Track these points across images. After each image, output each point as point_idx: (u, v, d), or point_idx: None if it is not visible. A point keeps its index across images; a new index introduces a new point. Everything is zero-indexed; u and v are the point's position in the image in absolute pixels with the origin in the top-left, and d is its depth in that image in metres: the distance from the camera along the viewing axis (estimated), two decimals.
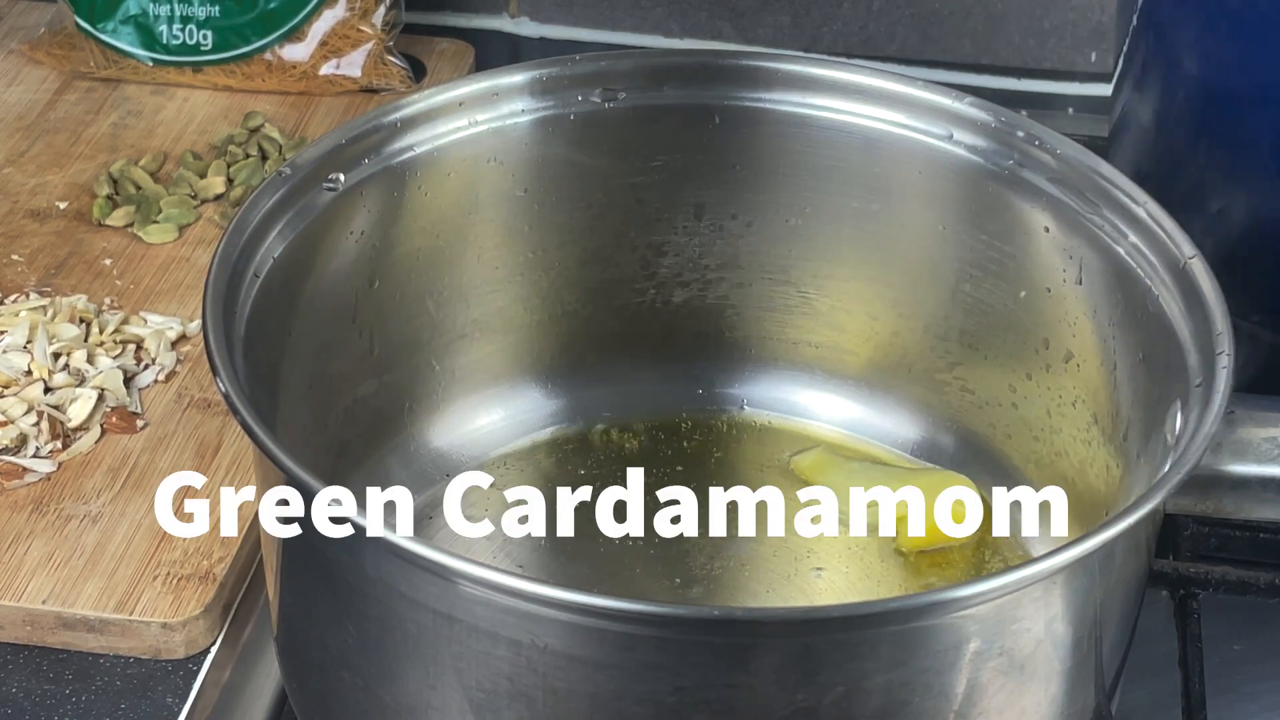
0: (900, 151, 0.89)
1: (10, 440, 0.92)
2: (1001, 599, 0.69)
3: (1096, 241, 0.84)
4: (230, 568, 0.87)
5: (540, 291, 0.93)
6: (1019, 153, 0.86)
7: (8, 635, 0.86)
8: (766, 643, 0.67)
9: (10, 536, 0.88)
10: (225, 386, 0.72)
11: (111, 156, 1.13)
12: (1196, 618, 0.89)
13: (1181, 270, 0.79)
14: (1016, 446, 0.90)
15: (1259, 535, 0.94)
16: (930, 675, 0.69)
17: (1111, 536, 0.69)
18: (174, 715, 0.83)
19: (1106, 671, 0.76)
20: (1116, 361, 0.83)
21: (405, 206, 0.87)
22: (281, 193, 0.82)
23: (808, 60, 0.90)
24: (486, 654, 0.69)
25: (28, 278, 1.03)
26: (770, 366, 0.95)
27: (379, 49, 1.19)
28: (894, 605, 0.70)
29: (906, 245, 0.91)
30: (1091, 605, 0.72)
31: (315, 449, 0.84)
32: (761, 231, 0.93)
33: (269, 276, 0.80)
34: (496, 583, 0.66)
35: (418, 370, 0.91)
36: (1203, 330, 0.77)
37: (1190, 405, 0.75)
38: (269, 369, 0.79)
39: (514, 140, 0.89)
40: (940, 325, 0.91)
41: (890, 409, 0.94)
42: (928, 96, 0.88)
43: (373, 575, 0.70)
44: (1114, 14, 1.11)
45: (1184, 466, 0.71)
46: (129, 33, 1.19)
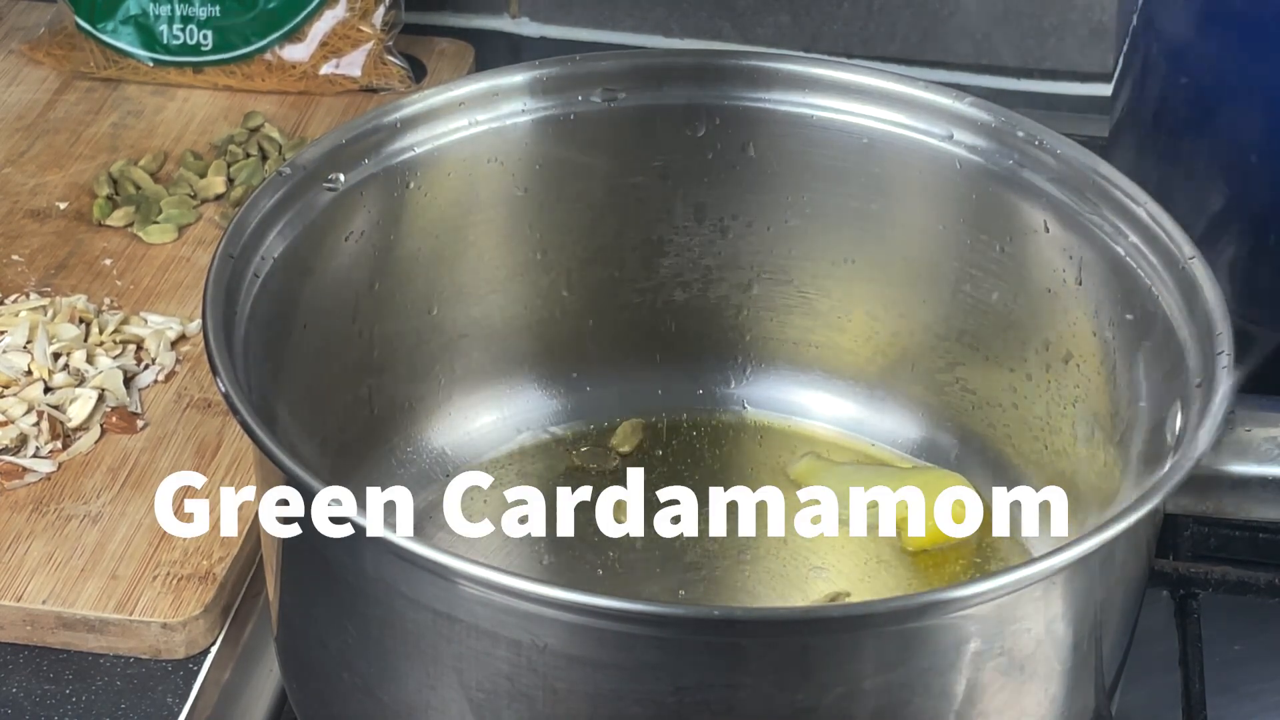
0: (900, 151, 0.89)
1: (10, 440, 0.92)
2: (1001, 599, 0.69)
3: (1096, 241, 0.84)
4: (230, 568, 0.87)
5: (540, 291, 0.93)
6: (1019, 153, 0.86)
7: (8, 635, 0.86)
8: (766, 643, 0.67)
9: (10, 536, 0.88)
10: (225, 386, 0.72)
11: (111, 156, 1.13)
12: (1196, 618, 0.89)
13: (1181, 270, 0.79)
14: (1016, 446, 0.90)
15: (1259, 535, 0.94)
16: (930, 675, 0.69)
17: (1111, 536, 0.69)
18: (174, 715, 0.83)
19: (1106, 671, 0.76)
20: (1116, 361, 0.83)
21: (405, 207, 0.87)
22: (281, 193, 0.82)
23: (808, 60, 0.90)
24: (486, 654, 0.69)
25: (28, 278, 1.03)
26: (770, 366, 0.95)
27: (379, 49, 1.19)
28: (894, 605, 0.70)
29: (906, 245, 0.91)
30: (1091, 605, 0.72)
31: (315, 449, 0.84)
32: (761, 231, 0.93)
33: (269, 276, 0.80)
34: (497, 583, 0.66)
35: (417, 370, 0.91)
36: (1203, 330, 0.77)
37: (1190, 405, 0.75)
38: (269, 369, 0.79)
39: (514, 140, 0.89)
40: (940, 325, 0.91)
41: (890, 409, 0.94)
42: (928, 96, 0.88)
43: (373, 575, 0.70)
44: (1114, 14, 1.11)
45: (1184, 466, 0.71)
46: (129, 33, 1.19)
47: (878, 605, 0.72)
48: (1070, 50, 1.21)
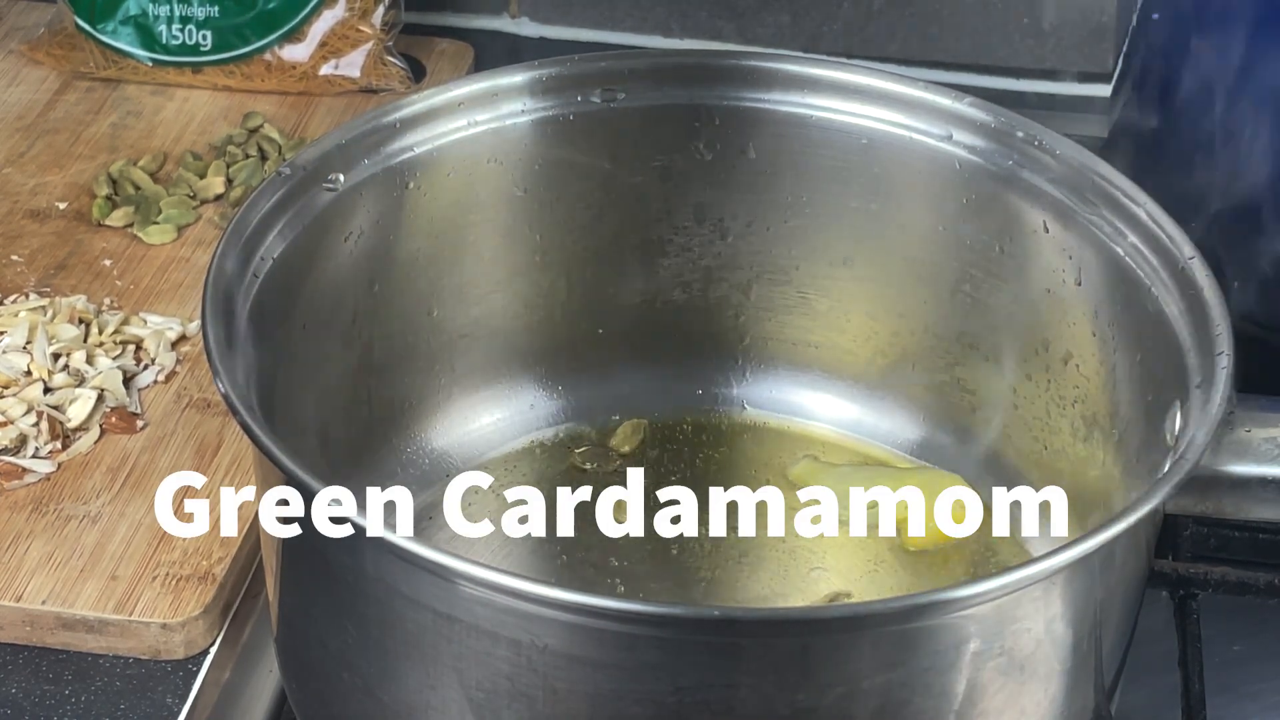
0: (900, 151, 0.89)
1: (10, 440, 0.92)
2: (1001, 599, 0.69)
3: (1096, 242, 0.84)
4: (230, 568, 0.87)
5: (540, 291, 0.93)
6: (1019, 153, 0.86)
7: (7, 635, 0.86)
8: (766, 643, 0.67)
9: (10, 537, 0.88)
10: (225, 387, 0.72)
11: (111, 157, 1.13)
12: (1196, 618, 0.89)
13: (1181, 270, 0.79)
14: (1016, 446, 0.90)
15: (1259, 535, 0.94)
16: (930, 675, 0.69)
17: (1111, 536, 0.69)
18: (174, 715, 0.83)
19: (1106, 671, 0.76)
20: (1116, 362, 0.83)
21: (405, 207, 0.87)
22: (281, 193, 0.82)
23: (808, 60, 0.90)
24: (486, 654, 0.69)
25: (27, 278, 1.03)
26: (770, 366, 0.95)
27: (378, 49, 1.19)
28: (894, 605, 0.70)
29: (906, 245, 0.91)
30: (1091, 605, 0.72)
31: (315, 449, 0.84)
32: (761, 232, 0.93)
33: (269, 277, 0.80)
34: (497, 583, 0.66)
35: (418, 370, 0.91)
36: (1203, 330, 0.77)
37: (1190, 405, 0.75)
38: (269, 369, 0.79)
39: (514, 140, 0.89)
40: (940, 325, 0.91)
41: (890, 409, 0.94)
42: (928, 96, 0.88)
43: (373, 575, 0.70)
44: (1114, 14, 1.11)
45: (1184, 467, 0.71)
46: (129, 33, 1.19)
47: (878, 605, 0.72)
48: (1070, 50, 1.21)
